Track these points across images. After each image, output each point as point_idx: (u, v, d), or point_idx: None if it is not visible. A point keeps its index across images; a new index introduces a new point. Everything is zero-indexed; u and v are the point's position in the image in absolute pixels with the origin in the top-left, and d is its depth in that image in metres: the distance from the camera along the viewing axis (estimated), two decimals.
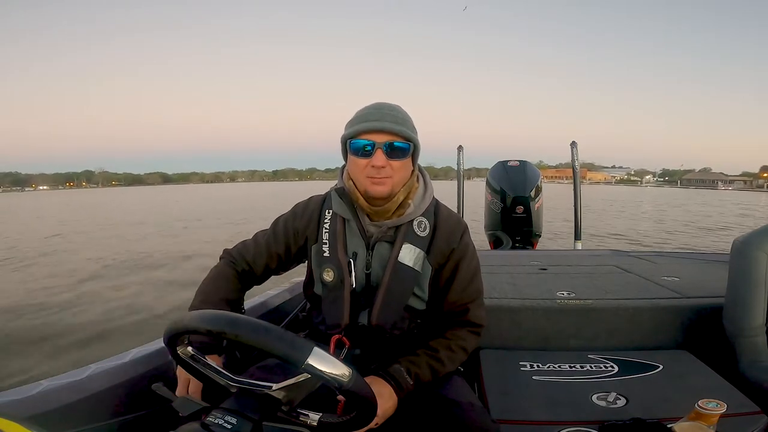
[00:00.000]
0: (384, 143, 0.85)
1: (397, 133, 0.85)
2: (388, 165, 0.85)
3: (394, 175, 0.87)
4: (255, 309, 1.36)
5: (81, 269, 7.26)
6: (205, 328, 0.55)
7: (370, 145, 0.85)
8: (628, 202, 25.78)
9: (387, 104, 0.89)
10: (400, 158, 0.87)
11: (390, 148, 0.85)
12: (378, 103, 0.90)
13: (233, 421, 0.55)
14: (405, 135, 0.86)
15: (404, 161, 0.88)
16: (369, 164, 0.85)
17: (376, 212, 0.90)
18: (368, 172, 0.86)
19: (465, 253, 0.95)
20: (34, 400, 0.78)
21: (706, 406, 0.69)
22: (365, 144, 0.85)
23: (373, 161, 0.85)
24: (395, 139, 0.85)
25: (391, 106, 0.89)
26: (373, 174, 0.85)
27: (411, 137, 0.87)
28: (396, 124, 0.85)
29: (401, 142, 0.86)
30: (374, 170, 0.85)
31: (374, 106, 0.88)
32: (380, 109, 0.87)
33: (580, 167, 3.81)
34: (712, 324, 1.24)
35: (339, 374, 0.53)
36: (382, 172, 0.85)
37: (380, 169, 0.85)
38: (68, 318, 4.56)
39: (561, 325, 1.31)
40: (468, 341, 0.94)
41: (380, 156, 0.84)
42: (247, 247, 1.01)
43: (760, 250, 1.15)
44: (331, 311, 0.91)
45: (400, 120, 0.87)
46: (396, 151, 0.86)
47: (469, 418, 0.80)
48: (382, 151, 0.85)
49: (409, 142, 0.87)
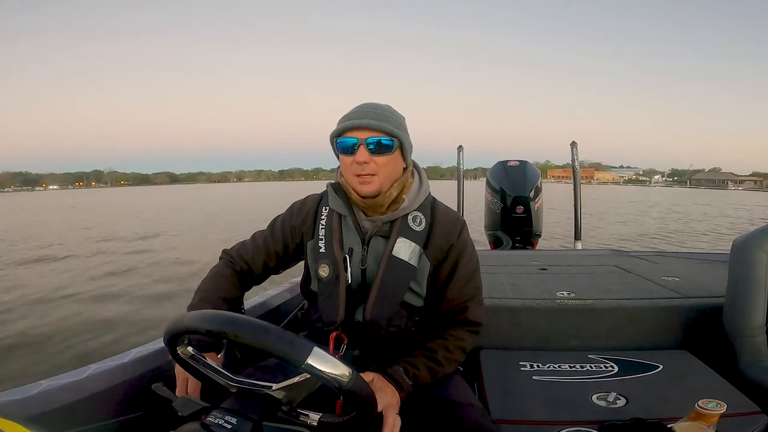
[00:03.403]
0: (366, 139, 0.86)
1: (379, 129, 0.86)
2: (372, 161, 0.86)
3: (380, 172, 0.87)
4: (255, 309, 1.36)
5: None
6: (205, 328, 0.55)
7: (354, 142, 0.86)
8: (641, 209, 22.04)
9: (372, 103, 0.91)
10: (384, 154, 0.87)
11: (372, 144, 0.86)
12: (363, 103, 0.91)
13: (233, 421, 0.55)
14: (387, 131, 0.86)
15: (389, 157, 0.88)
16: (354, 161, 0.86)
17: (370, 207, 0.91)
18: (354, 169, 0.87)
19: (464, 250, 0.95)
20: (34, 400, 0.78)
21: (706, 406, 0.69)
22: (349, 141, 0.86)
23: (356, 158, 0.86)
24: (378, 135, 0.86)
25: (377, 104, 0.90)
26: (359, 171, 0.87)
27: (394, 132, 0.87)
28: (377, 121, 0.86)
29: (384, 137, 0.87)
30: (359, 167, 0.86)
31: (359, 106, 0.90)
32: (364, 108, 0.89)
33: (587, 166, 3.82)
34: (712, 324, 1.24)
35: (339, 374, 0.53)
36: (366, 168, 0.86)
37: (364, 165, 0.86)
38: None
39: (561, 325, 1.30)
40: (466, 341, 0.94)
41: (363, 152, 0.85)
42: (246, 247, 1.02)
43: (760, 250, 1.15)
44: (327, 307, 0.91)
45: (383, 117, 0.88)
46: (379, 147, 0.87)
47: (469, 418, 0.80)
48: (364, 146, 0.86)
49: (392, 138, 0.88)
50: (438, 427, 0.79)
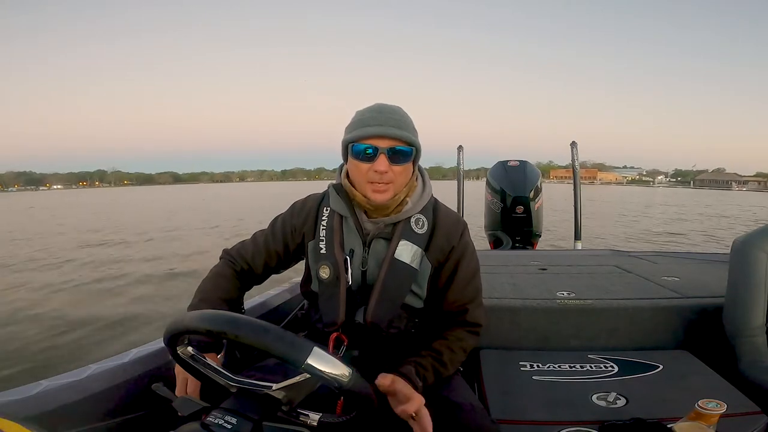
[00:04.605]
0: (387, 148, 0.84)
1: (399, 138, 0.84)
2: (390, 170, 0.85)
3: (396, 180, 0.87)
4: (255, 309, 1.36)
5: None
6: (205, 328, 0.55)
7: (373, 149, 0.84)
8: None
9: (388, 107, 0.88)
10: (402, 163, 0.86)
11: (392, 152, 0.85)
12: (379, 106, 0.88)
13: (233, 421, 0.55)
14: (407, 140, 0.85)
15: (406, 166, 0.88)
16: (371, 169, 0.85)
17: (375, 209, 0.90)
18: (370, 176, 0.85)
19: (465, 252, 0.95)
20: (34, 400, 0.78)
21: (706, 406, 0.69)
22: (367, 148, 0.85)
23: (375, 166, 0.84)
24: (398, 144, 0.85)
25: (392, 108, 0.88)
26: (375, 179, 0.85)
27: (413, 141, 0.86)
28: (398, 129, 0.85)
29: (403, 146, 0.86)
30: (376, 175, 0.85)
31: (376, 109, 0.87)
32: (382, 113, 0.86)
33: (590, 167, 3.82)
34: (712, 324, 1.23)
35: (339, 374, 0.53)
36: (384, 177, 0.85)
37: (383, 174, 0.84)
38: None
39: (561, 325, 1.30)
40: (467, 341, 0.93)
41: (383, 161, 0.84)
42: (246, 247, 1.01)
43: (760, 250, 1.15)
44: (327, 308, 0.91)
45: (403, 124, 0.86)
46: (398, 155, 0.85)
47: (469, 418, 0.80)
48: (385, 156, 0.84)
49: (411, 147, 0.87)
50: (438, 428, 0.78)
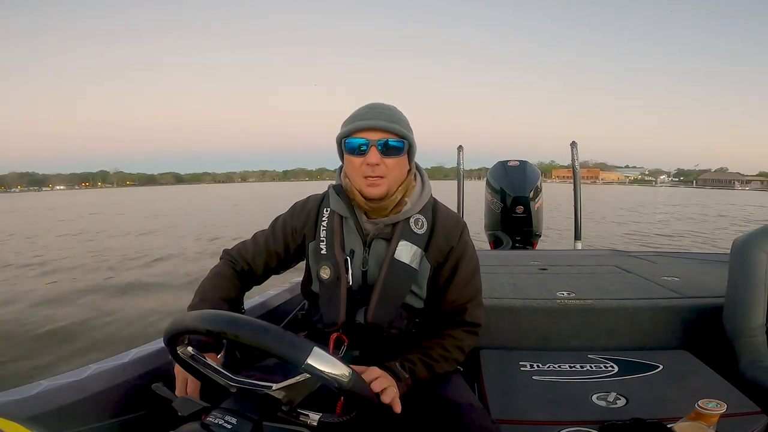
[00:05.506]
0: (378, 141, 0.85)
1: (390, 131, 0.86)
2: (383, 163, 0.86)
3: (389, 174, 0.87)
4: (255, 309, 1.36)
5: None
6: (205, 328, 0.55)
7: (365, 143, 0.86)
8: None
9: (381, 104, 0.91)
10: (394, 156, 0.87)
11: (384, 146, 0.86)
12: (372, 103, 0.91)
13: (233, 421, 0.55)
14: (399, 132, 0.86)
15: (399, 159, 0.88)
16: (364, 162, 0.86)
17: (374, 210, 0.90)
18: (363, 170, 0.86)
19: (464, 252, 0.95)
20: (34, 400, 0.78)
21: (706, 406, 0.69)
22: (360, 142, 0.86)
23: (367, 159, 0.85)
24: (389, 137, 0.86)
25: (385, 105, 0.90)
26: (368, 173, 0.86)
27: (405, 135, 0.87)
28: (389, 122, 0.86)
29: (395, 139, 0.87)
30: (369, 168, 0.86)
31: (368, 106, 0.90)
32: (374, 108, 0.88)
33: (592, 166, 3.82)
34: (712, 324, 1.23)
35: (339, 374, 0.54)
36: (376, 170, 0.86)
37: (375, 167, 0.85)
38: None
39: (561, 325, 1.30)
40: (465, 341, 0.94)
41: (374, 153, 0.85)
42: (246, 247, 1.01)
43: (760, 250, 1.15)
44: (328, 309, 0.91)
45: (394, 118, 0.87)
46: (390, 148, 0.86)
47: (469, 418, 0.80)
48: (376, 148, 0.85)
49: (403, 140, 0.88)
50: (438, 428, 0.78)
